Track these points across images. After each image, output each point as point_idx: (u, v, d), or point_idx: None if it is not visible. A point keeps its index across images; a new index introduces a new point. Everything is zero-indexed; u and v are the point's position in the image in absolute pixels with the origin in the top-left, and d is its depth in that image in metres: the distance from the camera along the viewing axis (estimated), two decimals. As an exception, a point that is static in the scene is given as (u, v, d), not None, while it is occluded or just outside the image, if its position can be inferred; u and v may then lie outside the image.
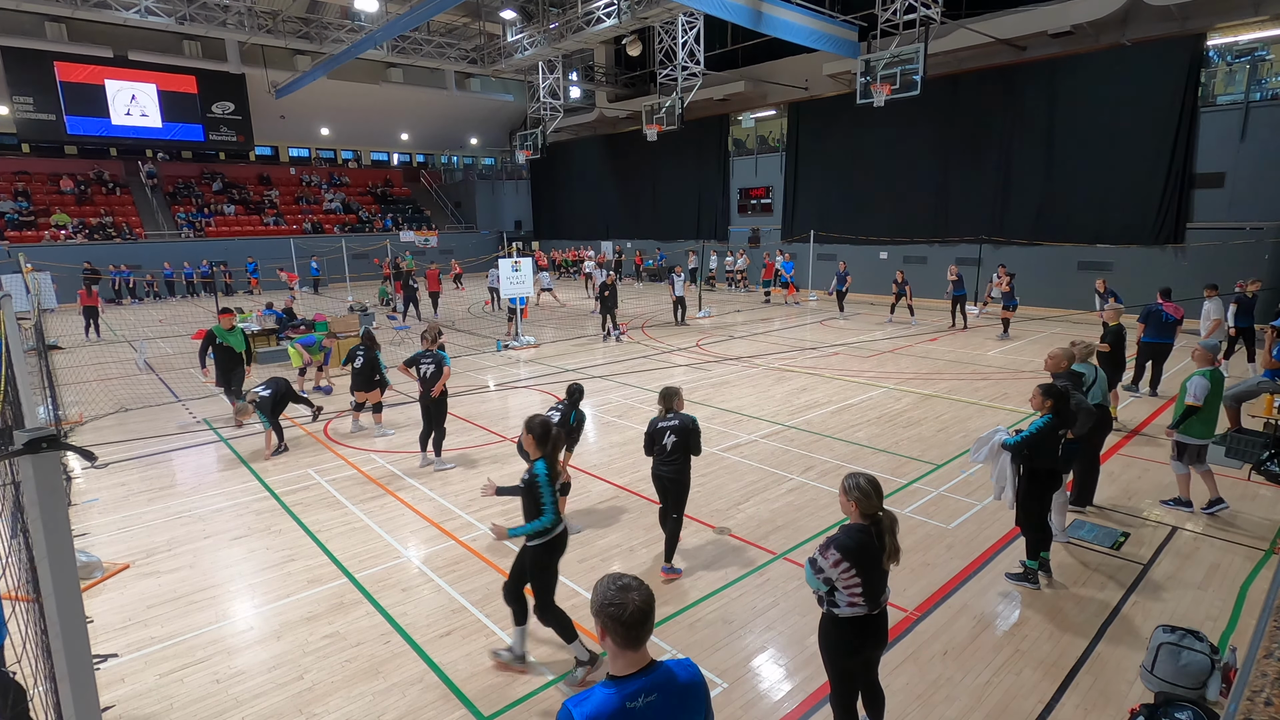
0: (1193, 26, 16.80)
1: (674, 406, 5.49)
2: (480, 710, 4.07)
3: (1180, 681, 3.44)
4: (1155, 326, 9.93)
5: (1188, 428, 6.13)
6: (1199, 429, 6.14)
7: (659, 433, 5.43)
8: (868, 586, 3.21)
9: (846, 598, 3.24)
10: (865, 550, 3.19)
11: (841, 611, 3.28)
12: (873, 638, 3.37)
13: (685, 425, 5.39)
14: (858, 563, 3.17)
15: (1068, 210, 19.01)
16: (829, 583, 3.24)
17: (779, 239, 26.62)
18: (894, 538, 3.24)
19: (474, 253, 35.25)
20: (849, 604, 3.24)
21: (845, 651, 3.35)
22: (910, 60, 17.04)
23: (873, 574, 3.21)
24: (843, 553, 3.17)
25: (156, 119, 30.00)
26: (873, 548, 3.20)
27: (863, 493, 3.24)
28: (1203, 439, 6.19)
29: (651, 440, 5.47)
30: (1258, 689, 1.27)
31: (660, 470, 5.47)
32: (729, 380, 12.12)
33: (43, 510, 1.59)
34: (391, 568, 5.77)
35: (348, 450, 8.84)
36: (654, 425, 5.48)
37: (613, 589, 2.03)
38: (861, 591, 3.21)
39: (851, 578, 3.18)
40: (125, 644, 4.78)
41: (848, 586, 3.21)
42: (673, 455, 5.39)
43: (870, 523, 3.25)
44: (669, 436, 5.37)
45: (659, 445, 5.43)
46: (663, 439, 5.40)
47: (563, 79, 27.69)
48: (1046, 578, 5.32)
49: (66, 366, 14.35)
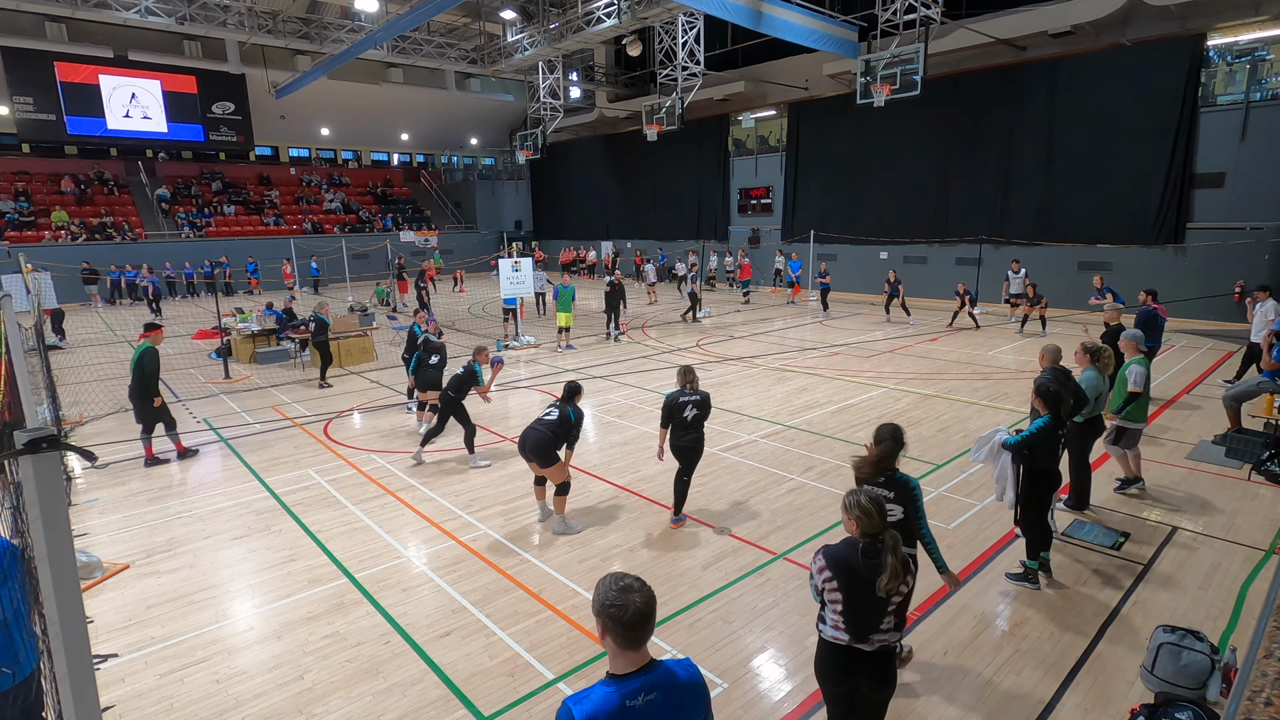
0: (1193, 26, 16.80)
1: (694, 383, 6.07)
2: (480, 710, 4.07)
3: (1180, 681, 3.44)
4: (1153, 330, 9.88)
5: (1128, 413, 6.53)
6: (1137, 413, 6.58)
7: (680, 405, 5.98)
8: (849, 609, 2.95)
9: (831, 615, 3.02)
10: (846, 562, 2.95)
11: (825, 632, 3.07)
12: (864, 674, 3.03)
13: (704, 400, 6.04)
14: (839, 574, 2.95)
15: (1068, 210, 19.01)
16: (818, 592, 3.06)
17: (779, 239, 26.62)
18: (895, 557, 2.88)
19: (474, 253, 35.26)
20: (833, 624, 3.02)
21: (826, 677, 3.13)
22: (910, 60, 17.04)
23: (857, 595, 2.93)
24: (828, 559, 2.99)
25: (160, 119, 29.99)
26: (856, 564, 2.93)
27: (864, 511, 2.95)
28: (1139, 423, 6.65)
29: (671, 412, 5.99)
30: (1258, 689, 1.27)
31: (681, 440, 6.06)
32: (729, 380, 12.11)
33: (43, 510, 1.59)
34: (391, 568, 5.77)
35: (348, 450, 8.84)
36: (675, 398, 6.01)
37: (614, 590, 2.03)
38: (843, 611, 2.96)
39: (834, 591, 2.96)
40: (125, 644, 4.78)
41: (831, 602, 3.00)
42: (693, 426, 6.01)
43: (871, 541, 2.96)
44: (690, 410, 5.98)
45: (680, 417, 5.98)
46: (684, 411, 5.98)
47: (563, 79, 27.68)
48: (1046, 578, 5.32)
49: (66, 366, 14.35)
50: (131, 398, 8.44)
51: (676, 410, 5.98)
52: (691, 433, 6.05)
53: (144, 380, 8.19)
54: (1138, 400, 6.48)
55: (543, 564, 5.77)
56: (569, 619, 4.96)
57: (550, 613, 5.05)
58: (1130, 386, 6.41)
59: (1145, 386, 6.48)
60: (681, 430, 6.03)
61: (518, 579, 5.53)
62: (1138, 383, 6.40)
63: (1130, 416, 6.56)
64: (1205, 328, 16.19)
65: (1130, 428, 6.65)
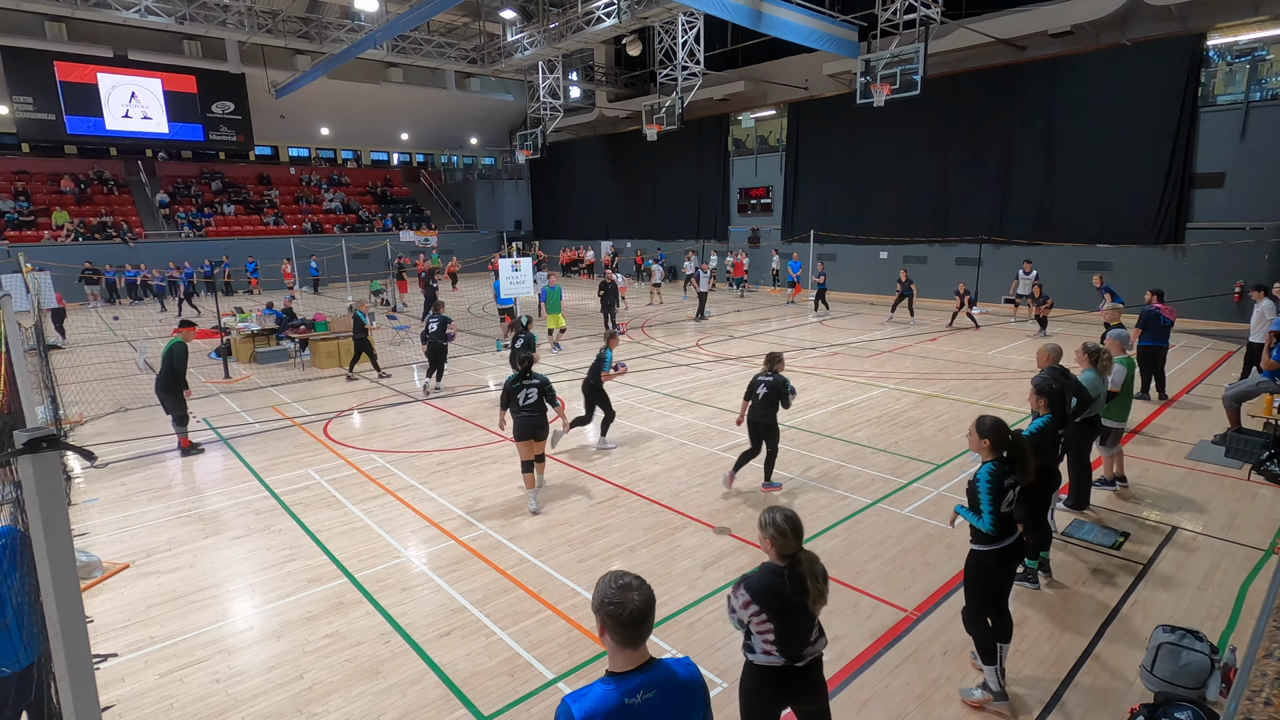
0: (1193, 26, 16.81)
1: (775, 367, 6.88)
2: (480, 710, 4.07)
3: (1180, 681, 3.44)
4: (1154, 330, 9.91)
5: (1107, 411, 6.53)
6: (1117, 412, 6.64)
7: (755, 384, 6.94)
8: (780, 633, 2.87)
9: (761, 643, 2.92)
10: (775, 594, 2.85)
11: (756, 658, 2.96)
12: (793, 691, 2.99)
13: (778, 382, 6.81)
14: (766, 606, 2.84)
15: (1068, 210, 19.02)
16: (743, 624, 2.94)
17: (779, 239, 26.64)
18: (816, 581, 2.84)
19: (474, 253, 35.28)
20: (763, 650, 2.92)
21: (756, 699, 3.02)
22: (910, 60, 17.05)
23: (786, 620, 2.86)
24: (752, 594, 2.86)
25: (160, 118, 29.99)
26: (784, 592, 2.85)
27: (778, 530, 2.88)
28: (1119, 422, 6.71)
29: (750, 389, 6.96)
30: (1257, 689, 1.27)
31: (753, 416, 6.90)
32: (729, 380, 12.11)
33: (43, 510, 1.59)
34: (391, 568, 5.77)
35: (348, 450, 8.84)
36: (754, 379, 7.00)
37: (613, 588, 2.03)
38: (774, 639, 2.88)
39: (762, 622, 2.86)
40: (125, 644, 4.78)
41: (760, 631, 2.89)
42: (764, 403, 6.82)
43: (788, 564, 2.89)
44: (761, 388, 6.86)
45: (753, 393, 6.90)
46: (757, 389, 6.89)
47: (563, 79, 27.70)
48: (1046, 577, 5.32)
49: (66, 366, 14.35)
50: (158, 390, 8.79)
51: (752, 388, 6.95)
52: (763, 409, 6.83)
53: (172, 373, 8.58)
54: (1116, 399, 6.53)
55: (542, 564, 5.77)
56: (569, 618, 4.96)
57: (550, 612, 5.05)
58: (1108, 386, 6.43)
59: (1125, 386, 6.52)
60: (754, 406, 6.90)
61: (518, 579, 5.54)
62: (1116, 382, 6.44)
63: (1109, 415, 6.59)
64: (1205, 328, 16.19)
65: (1112, 427, 6.69)
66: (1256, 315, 10.13)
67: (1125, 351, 6.72)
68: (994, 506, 3.76)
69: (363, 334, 12.62)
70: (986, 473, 3.80)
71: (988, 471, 3.80)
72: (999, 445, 3.84)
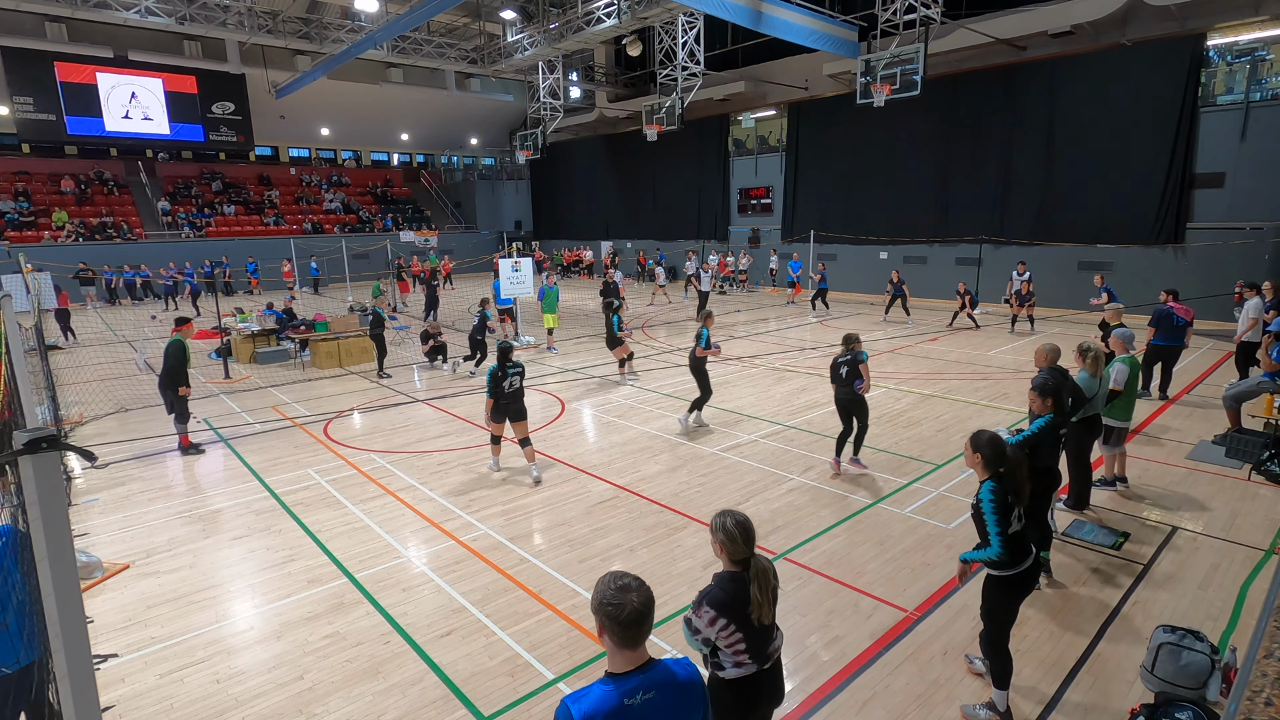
0: (1193, 26, 16.80)
1: (853, 347, 7.24)
2: (480, 710, 4.07)
3: (1180, 681, 3.44)
4: (1167, 329, 9.89)
5: (1109, 410, 6.55)
6: (1120, 412, 6.66)
7: (837, 365, 7.28)
8: (751, 641, 2.80)
9: (731, 657, 2.82)
10: (742, 602, 2.77)
11: (728, 674, 2.86)
12: (766, 694, 2.96)
13: (856, 358, 7.17)
14: (735, 617, 2.75)
15: (1068, 210, 19.01)
16: (709, 643, 2.84)
17: (779, 239, 26.63)
18: (763, 592, 2.76)
19: (474, 253, 35.27)
20: (735, 664, 2.83)
21: (737, 714, 2.95)
22: (910, 60, 17.04)
23: (753, 626, 2.80)
24: (717, 609, 2.75)
25: (161, 119, 29.96)
26: (748, 597, 2.78)
27: (728, 535, 2.77)
28: (1123, 421, 6.74)
29: (833, 370, 7.33)
30: (1258, 689, 1.27)
31: (840, 395, 7.29)
32: (729, 380, 12.11)
33: (43, 510, 1.59)
34: (391, 568, 5.77)
35: (348, 450, 8.84)
36: (834, 361, 7.34)
37: (612, 588, 2.03)
38: (746, 648, 2.80)
39: (732, 634, 2.77)
40: (125, 644, 4.78)
41: (730, 645, 2.79)
42: (848, 381, 7.19)
43: (742, 569, 2.81)
44: (844, 368, 7.20)
45: (837, 374, 7.26)
46: (840, 369, 7.24)
47: (563, 79, 27.68)
48: (1046, 577, 5.31)
49: (66, 366, 14.35)
50: (160, 389, 8.88)
51: (835, 369, 7.30)
52: (844, 388, 7.21)
53: (171, 370, 8.61)
54: (1119, 398, 6.52)
55: (543, 564, 5.77)
56: (569, 619, 4.96)
57: (550, 613, 5.05)
58: (1111, 384, 6.43)
59: (1128, 385, 6.52)
60: (840, 385, 7.26)
61: (518, 579, 5.54)
62: (1118, 381, 6.45)
63: (1112, 414, 6.60)
64: (1205, 328, 16.16)
65: (1115, 426, 6.70)
66: (1243, 313, 10.16)
67: (1129, 351, 6.71)
68: (1001, 527, 3.66)
69: (379, 330, 12.78)
70: (989, 491, 3.72)
71: (990, 490, 3.72)
72: (994, 461, 3.75)
